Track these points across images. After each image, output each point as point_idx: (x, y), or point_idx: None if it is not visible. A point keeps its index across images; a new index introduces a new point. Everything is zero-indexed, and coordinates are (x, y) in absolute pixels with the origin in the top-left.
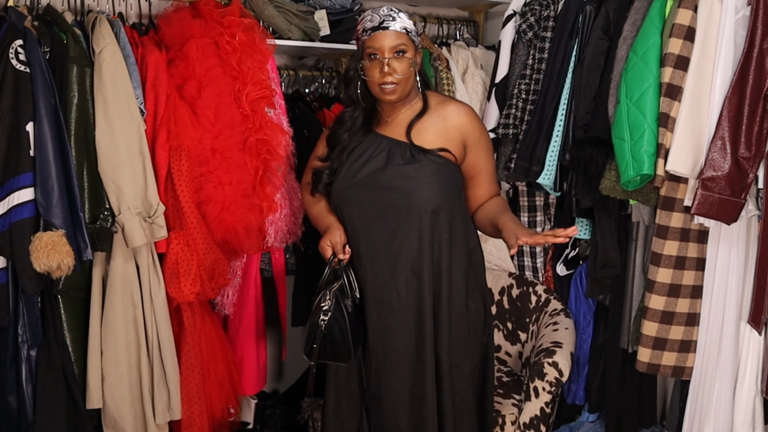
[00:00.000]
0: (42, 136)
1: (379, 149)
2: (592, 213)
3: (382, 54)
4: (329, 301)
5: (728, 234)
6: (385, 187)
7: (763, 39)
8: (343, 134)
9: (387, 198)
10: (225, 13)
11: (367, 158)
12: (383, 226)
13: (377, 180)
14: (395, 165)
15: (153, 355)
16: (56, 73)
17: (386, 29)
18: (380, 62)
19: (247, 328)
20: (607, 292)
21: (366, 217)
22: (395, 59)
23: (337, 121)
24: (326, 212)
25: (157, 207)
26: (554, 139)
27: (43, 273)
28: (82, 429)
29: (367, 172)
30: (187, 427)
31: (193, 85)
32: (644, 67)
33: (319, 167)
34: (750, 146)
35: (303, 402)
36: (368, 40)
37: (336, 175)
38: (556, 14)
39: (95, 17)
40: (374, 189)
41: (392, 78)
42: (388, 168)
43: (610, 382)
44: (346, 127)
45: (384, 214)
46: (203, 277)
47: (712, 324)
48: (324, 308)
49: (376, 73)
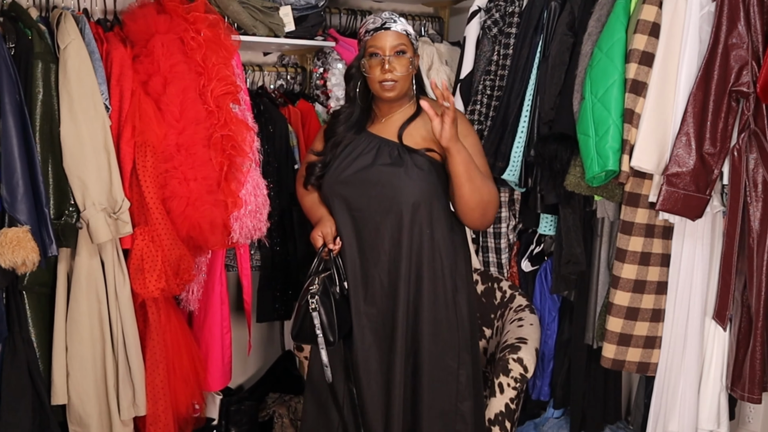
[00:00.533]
0: (7, 131)
1: (369, 147)
2: (557, 209)
3: (384, 52)
4: (317, 286)
5: (693, 230)
6: (371, 182)
7: (728, 35)
8: (339, 128)
9: (372, 192)
10: (190, 9)
11: (357, 155)
12: (368, 218)
13: (364, 176)
14: (382, 163)
15: (118, 351)
16: (21, 69)
17: (388, 29)
18: (381, 60)
19: (212, 324)
20: (572, 288)
21: (352, 209)
22: (395, 58)
23: (334, 115)
24: (318, 204)
25: (122, 203)
26: (519, 135)
27: (8, 269)
28: (47, 425)
29: (356, 168)
30: (152, 423)
31: (158, 81)
32: (609, 63)
33: (313, 161)
34: (715, 142)
35: (268, 398)
36: (370, 40)
37: (327, 169)
38: (521, 10)
39: (60, 13)
40: (361, 184)
41: (392, 75)
42: (375, 165)
43: (575, 378)
44: (341, 122)
45: (368, 207)
46: (168, 272)
47: (677, 320)
48: (312, 291)
49: (377, 70)
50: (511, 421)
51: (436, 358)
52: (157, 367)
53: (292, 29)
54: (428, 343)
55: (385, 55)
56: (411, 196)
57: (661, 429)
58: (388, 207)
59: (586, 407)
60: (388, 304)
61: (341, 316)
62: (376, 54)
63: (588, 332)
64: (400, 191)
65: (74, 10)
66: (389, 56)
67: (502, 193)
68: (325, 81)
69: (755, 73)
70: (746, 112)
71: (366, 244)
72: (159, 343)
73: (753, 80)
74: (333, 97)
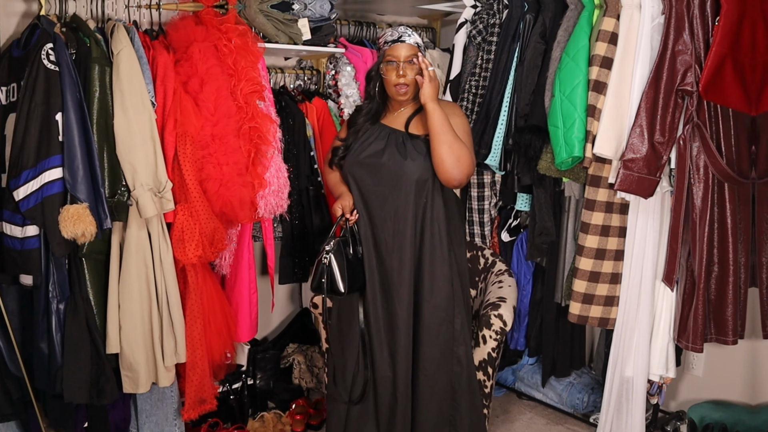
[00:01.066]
0: (69, 124)
1: (381, 135)
2: (531, 189)
3: (398, 60)
4: (332, 245)
5: (645, 206)
6: (382, 163)
7: (675, 43)
8: (360, 119)
9: (382, 171)
10: (223, 21)
11: (371, 141)
12: (378, 192)
13: (376, 158)
14: (391, 147)
15: (162, 308)
16: (81, 72)
17: (403, 42)
18: (396, 67)
19: (241, 285)
20: (544, 255)
21: (366, 185)
22: (407, 65)
23: (357, 109)
24: (340, 182)
25: (166, 184)
26: (499, 126)
27: (69, 239)
28: (103, 370)
29: (370, 153)
30: (191, 369)
31: (196, 81)
32: (575, 67)
33: (337, 145)
34: (664, 133)
35: (288, 347)
36: (388, 50)
37: (348, 151)
38: (501, 22)
39: (114, 24)
40: (373, 165)
41: (404, 80)
42: (386, 150)
43: (546, 331)
44: (363, 114)
45: (379, 183)
46: (204, 242)
47: (632, 282)
48: (327, 249)
49: (393, 75)
50: (492, 367)
51: (434, 307)
52: (195, 322)
53: (308, 38)
54: (427, 293)
55: (399, 62)
56: (413, 174)
57: (619, 374)
58: (394, 183)
59: (555, 355)
60: (393, 262)
61: (352, 274)
62: (392, 61)
63: (557, 292)
64: (404, 170)
65: (125, 22)
66: (403, 63)
67: (486, 175)
68: (336, 81)
69: (698, 74)
70: (690, 108)
71: (376, 213)
72: (196, 301)
73: (696, 81)
74: (343, 95)
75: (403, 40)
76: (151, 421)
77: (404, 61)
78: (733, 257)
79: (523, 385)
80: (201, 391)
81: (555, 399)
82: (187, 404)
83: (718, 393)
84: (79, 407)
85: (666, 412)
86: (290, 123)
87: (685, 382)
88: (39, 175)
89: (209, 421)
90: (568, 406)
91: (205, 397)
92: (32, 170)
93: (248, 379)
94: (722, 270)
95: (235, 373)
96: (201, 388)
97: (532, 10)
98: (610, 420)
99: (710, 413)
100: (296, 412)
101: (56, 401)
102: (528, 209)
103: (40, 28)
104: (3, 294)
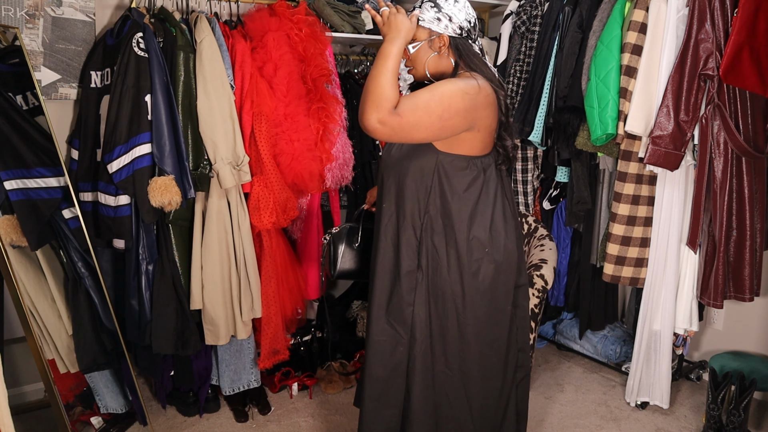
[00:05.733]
0: (157, 104)
1: None
2: (569, 162)
3: None
4: (338, 229)
5: (672, 178)
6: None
7: (698, 32)
8: None
9: (386, 156)
10: (294, 12)
11: None
12: (391, 184)
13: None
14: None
15: (240, 269)
16: (168, 58)
17: None
18: None
19: (311, 249)
20: (581, 221)
21: (383, 178)
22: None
23: None
24: None
25: (243, 158)
26: (541, 107)
27: (157, 207)
28: (187, 324)
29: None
30: (266, 323)
31: (271, 66)
32: (609, 53)
33: None
34: (688, 112)
35: (353, 304)
36: None
37: None
38: (542, 13)
39: (197, 15)
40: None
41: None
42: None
43: (583, 289)
44: None
45: (384, 169)
46: (278, 210)
47: (660, 245)
48: (330, 231)
49: None
50: (535, 321)
51: None
52: (269, 281)
53: (370, 28)
54: None
55: None
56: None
57: (648, 327)
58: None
59: (591, 311)
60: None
61: (347, 261)
62: None
63: (593, 255)
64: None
65: (207, 13)
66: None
67: (529, 150)
68: None
69: (718, 60)
70: (711, 90)
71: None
72: (271, 263)
73: (716, 66)
74: (401, 78)
75: None
76: (231, 370)
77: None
78: (750, 223)
79: (562, 337)
80: (275, 343)
81: (591, 350)
82: (262, 355)
83: (736, 344)
84: (166, 357)
85: (690, 361)
86: (354, 104)
87: (707, 334)
88: (130, 150)
89: (282, 369)
90: (603, 357)
91: (279, 348)
92: (124, 146)
93: (317, 333)
94: (740, 235)
95: (306, 327)
96: (275, 341)
97: (570, 3)
98: (640, 368)
99: (729, 362)
100: (359, 362)
101: (145, 352)
102: (567, 180)
103: (131, 19)
104: (98, 256)
